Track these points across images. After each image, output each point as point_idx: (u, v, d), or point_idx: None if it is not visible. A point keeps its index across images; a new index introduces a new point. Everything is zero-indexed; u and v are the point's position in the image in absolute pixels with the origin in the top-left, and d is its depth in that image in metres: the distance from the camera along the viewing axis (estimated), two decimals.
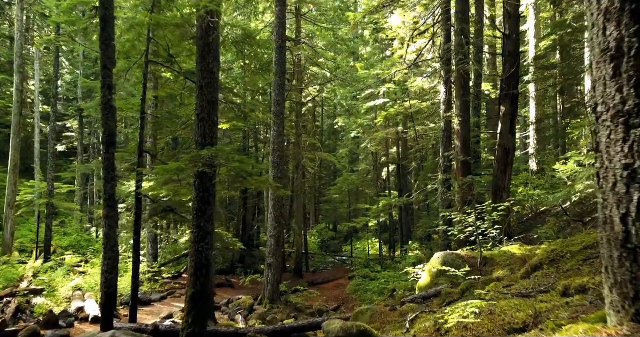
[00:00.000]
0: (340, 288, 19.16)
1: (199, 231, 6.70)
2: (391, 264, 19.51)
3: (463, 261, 8.30)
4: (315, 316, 14.05)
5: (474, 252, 8.61)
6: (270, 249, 14.20)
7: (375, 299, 15.55)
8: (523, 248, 8.33)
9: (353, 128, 26.39)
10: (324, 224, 38.56)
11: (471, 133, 13.55)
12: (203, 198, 6.74)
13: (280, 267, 14.39)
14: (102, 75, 8.16)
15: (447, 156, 12.81)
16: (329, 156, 24.61)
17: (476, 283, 6.71)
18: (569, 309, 2.90)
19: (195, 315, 6.47)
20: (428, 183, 17.28)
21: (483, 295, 4.66)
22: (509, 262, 7.76)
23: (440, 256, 8.60)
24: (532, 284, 4.55)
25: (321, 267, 27.25)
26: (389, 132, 22.80)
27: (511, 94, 12.23)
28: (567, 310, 2.90)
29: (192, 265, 6.65)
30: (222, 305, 13.80)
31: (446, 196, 12.71)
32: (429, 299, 7.64)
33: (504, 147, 12.15)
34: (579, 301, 3.01)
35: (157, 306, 13.65)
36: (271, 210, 14.26)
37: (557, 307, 3.03)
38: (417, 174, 27.37)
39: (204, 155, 6.26)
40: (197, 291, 6.54)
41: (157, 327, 8.02)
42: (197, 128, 6.85)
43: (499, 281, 6.49)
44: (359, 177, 28.35)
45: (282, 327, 8.05)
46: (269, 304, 13.87)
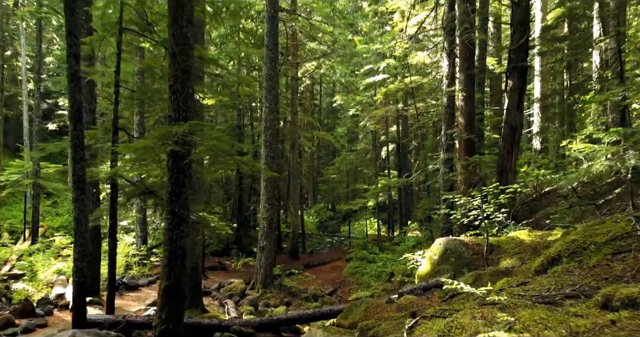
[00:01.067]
0: (336, 270, 18.62)
1: (173, 217, 5.98)
2: (389, 246, 18.93)
3: (466, 247, 7.62)
4: (309, 300, 13.51)
5: (479, 238, 7.92)
6: (262, 232, 13.56)
7: (372, 283, 15.00)
8: (532, 234, 7.63)
9: (351, 105, 25.48)
10: (323, 204, 38.02)
11: (475, 109, 12.72)
12: (177, 180, 6.00)
13: (273, 251, 13.78)
14: (67, 44, 7.32)
15: (450, 134, 12.03)
16: (327, 135, 23.80)
17: (482, 275, 6.03)
18: (619, 332, 2.20)
19: (169, 310, 5.80)
20: (429, 163, 16.54)
21: (494, 297, 3.96)
22: (517, 249, 7.06)
23: (441, 242, 7.91)
24: (554, 283, 3.85)
25: (318, 248, 26.74)
26: (389, 110, 21.93)
27: (520, 66, 11.35)
28: (615, 333, 2.20)
29: (166, 255, 5.95)
30: (212, 290, 13.23)
31: (448, 177, 11.97)
32: (430, 290, 6.98)
33: (511, 125, 11.35)
34: (629, 319, 2.30)
35: (144, 290, 13.07)
36: (263, 191, 13.55)
37: (599, 327, 2.33)
38: (417, 153, 26.62)
39: (175, 132, 5.49)
40: (171, 283, 5.86)
41: (129, 322, 7.38)
42: (170, 101, 6.05)
43: (509, 274, 5.80)
44: (358, 157, 27.61)
45: (270, 319, 7.43)
46: (261, 289, 13.31)
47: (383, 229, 29.20)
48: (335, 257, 20.53)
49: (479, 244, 7.64)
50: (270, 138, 13.48)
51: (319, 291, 14.31)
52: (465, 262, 7.37)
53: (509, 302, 3.31)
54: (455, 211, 9.15)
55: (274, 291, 13.46)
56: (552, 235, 7.15)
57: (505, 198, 7.65)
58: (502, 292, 4.11)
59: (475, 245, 7.66)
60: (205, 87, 9.74)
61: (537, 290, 3.77)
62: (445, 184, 12.04)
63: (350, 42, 22.34)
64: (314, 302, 13.20)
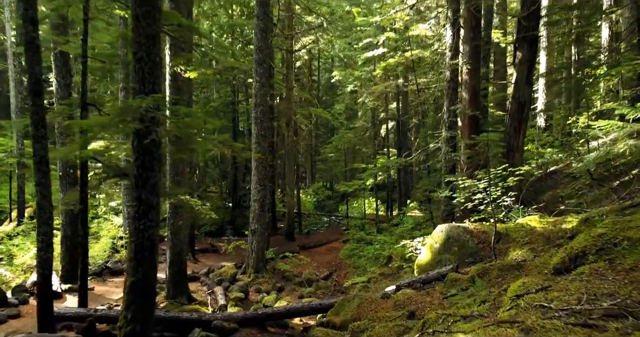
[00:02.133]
0: (333, 252, 18.04)
1: (140, 205, 5.24)
2: (388, 227, 18.31)
3: (471, 236, 6.92)
4: (303, 285, 12.94)
5: (484, 225, 7.22)
6: (254, 214, 12.88)
7: (369, 266, 14.42)
8: (544, 220, 6.92)
9: (350, 81, 24.49)
10: (321, 183, 37.35)
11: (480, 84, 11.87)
12: (144, 163, 5.24)
13: (265, 234, 13.13)
14: (22, 7, 6.46)
15: (453, 110, 11.21)
16: (323, 112, 22.91)
17: (490, 269, 5.34)
18: None
19: (136, 309, 5.13)
20: (430, 141, 15.75)
21: (512, 310, 3.25)
22: (528, 239, 6.37)
23: (443, 229, 7.21)
24: (584, 290, 3.14)
25: (315, 228, 26.18)
26: (389, 85, 20.99)
27: (530, 36, 10.47)
28: None
29: (132, 248, 5.25)
30: (201, 275, 12.62)
31: (450, 156, 11.21)
32: (430, 283, 6.32)
33: (519, 100, 10.54)
34: None
35: None
36: (254, 172, 12.81)
37: None
38: (417, 131, 25.78)
39: (136, 107, 4.71)
40: (138, 279, 5.17)
41: (99, 318, 6.75)
42: (134, 71, 5.25)
43: (521, 269, 5.11)
44: (356, 135, 26.76)
45: (255, 313, 6.80)
46: (253, 274, 12.72)
47: (382, 209, 28.60)
48: (332, 238, 19.95)
49: (485, 232, 6.95)
50: (261, 115, 12.66)
51: (314, 275, 13.73)
52: (469, 252, 6.69)
53: (533, 323, 2.59)
54: (458, 193, 8.43)
55: (267, 275, 12.87)
56: (567, 222, 6.44)
57: (514, 181, 6.91)
58: (520, 299, 3.40)
59: (480, 233, 6.96)
60: (186, 58, 8.88)
61: (565, 301, 3.06)
62: (447, 164, 11.30)
63: (348, 14, 21.23)
64: (307, 288, 12.63)
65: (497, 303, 3.98)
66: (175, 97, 9.62)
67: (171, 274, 9.82)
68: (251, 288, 12.15)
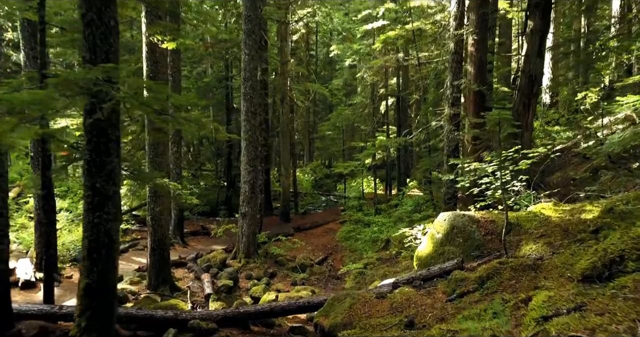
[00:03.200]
0: (329, 234, 17.43)
1: (94, 195, 4.49)
2: (386, 208, 17.64)
3: (478, 226, 6.19)
4: (297, 271, 12.33)
5: (492, 213, 6.47)
6: (244, 197, 12.16)
7: (366, 250, 13.80)
8: (560, 208, 6.18)
9: (348, 55, 23.42)
10: (319, 161, 36.54)
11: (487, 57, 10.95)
12: (97, 146, 4.46)
13: (256, 217, 12.45)
14: None
15: (457, 85, 10.33)
16: (320, 88, 21.94)
17: (501, 269, 4.61)
18: None
19: (92, 317, 4.43)
20: (431, 119, 14.89)
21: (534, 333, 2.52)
22: (542, 230, 5.63)
23: (446, 217, 6.48)
24: (634, 316, 2.43)
25: (312, 208, 25.55)
26: (388, 60, 19.97)
27: (543, 3, 9.54)
28: None
29: (85, 244, 4.51)
30: (188, 260, 11.97)
31: (453, 135, 10.40)
32: (432, 280, 5.61)
33: (529, 74, 9.68)
34: None
35: None
36: (244, 151, 12.03)
37: None
38: (418, 107, 24.86)
39: (83, 79, 3.90)
40: (93, 281, 4.45)
41: (43, 328, 6.07)
42: (83, 37, 4.41)
43: (538, 270, 4.38)
44: (355, 112, 25.80)
45: (236, 312, 6.13)
46: (243, 259, 12.09)
47: (380, 188, 27.90)
48: (328, 219, 19.31)
49: (493, 221, 6.21)
50: (250, 90, 11.79)
51: (308, 259, 13.11)
52: (475, 245, 5.97)
53: None
54: (462, 177, 7.67)
55: (258, 260, 12.24)
56: (586, 211, 5.70)
57: (527, 164, 6.13)
58: (548, 324, 2.67)
59: (488, 222, 6.22)
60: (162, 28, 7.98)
61: (613, 332, 2.33)
62: (449, 144, 10.49)
63: None
64: (301, 273, 12.01)
65: (515, 319, 3.25)
66: (154, 71, 8.76)
67: (152, 262, 9.15)
68: (241, 274, 11.54)
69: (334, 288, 11.26)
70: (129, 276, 9.92)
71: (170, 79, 13.77)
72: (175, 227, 14.28)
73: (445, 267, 5.58)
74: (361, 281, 10.84)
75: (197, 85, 20.79)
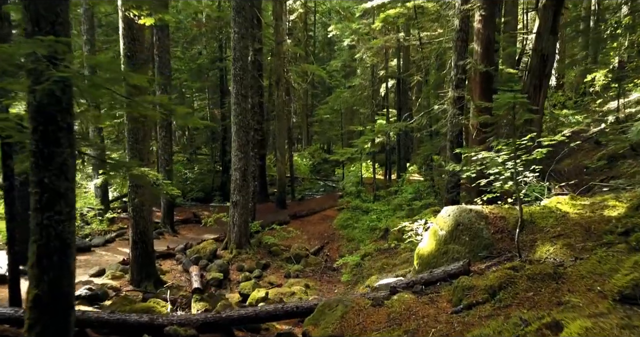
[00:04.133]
0: (326, 221, 16.86)
1: (43, 192, 3.84)
2: (385, 195, 17.02)
3: (486, 222, 5.55)
4: (291, 261, 11.77)
5: (502, 209, 5.83)
6: (235, 185, 11.52)
7: (364, 239, 13.22)
8: (578, 203, 5.54)
9: (347, 35, 22.49)
10: (317, 145, 35.77)
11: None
12: (45, 134, 3.79)
13: (248, 206, 11.83)
14: None
15: (462, 66, 9.58)
16: (318, 69, 21.11)
17: (516, 277, 3.99)
18: None
19: (43, 332, 3.82)
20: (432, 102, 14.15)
21: None
22: (560, 229, 5.00)
23: (451, 212, 5.84)
24: None
25: (310, 193, 24.96)
26: (388, 40, 19.09)
27: None
28: None
29: (34, 250, 3.89)
30: (177, 251, 11.40)
31: (457, 120, 9.69)
32: (434, 284, 5.01)
33: (541, 53, 8.95)
34: None
35: (98, 252, 11.26)
36: (234, 137, 11.34)
37: None
38: (419, 90, 24.07)
39: (16, 54, 3.22)
40: (44, 292, 3.84)
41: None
42: (23, 6, 3.71)
43: (560, 280, 3.76)
44: (354, 94, 24.96)
45: (217, 317, 5.54)
46: (235, 249, 11.51)
47: (380, 172, 27.26)
48: (326, 206, 18.73)
49: (503, 218, 5.57)
50: (240, 72, 11.04)
51: (303, 249, 12.53)
52: (483, 244, 5.35)
53: None
54: (468, 167, 7.01)
55: (250, 251, 11.67)
56: (609, 207, 5.06)
57: (543, 153, 5.46)
58: None
59: (497, 218, 5.59)
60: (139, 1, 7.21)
61: None
62: (453, 129, 9.79)
63: None
64: (295, 265, 11.45)
65: None
66: (131, 49, 8.03)
67: (134, 256, 8.56)
68: (232, 266, 10.99)
69: (330, 281, 10.72)
70: (111, 269, 9.33)
71: (157, 59, 13.02)
72: (165, 216, 13.69)
73: (450, 270, 4.97)
74: (358, 274, 10.29)
75: (189, 67, 19.94)
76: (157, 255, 10.95)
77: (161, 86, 13.04)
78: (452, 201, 9.93)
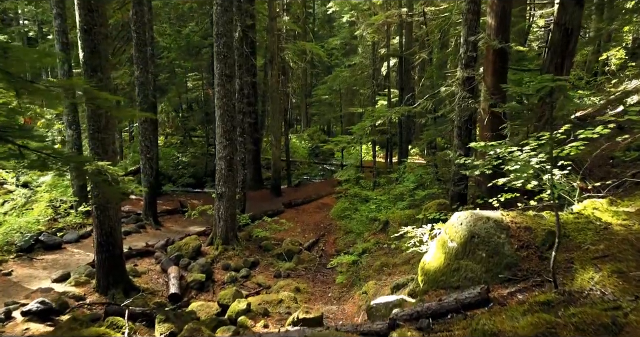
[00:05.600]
0: (323, 210, 15.88)
1: None
2: (386, 182, 15.98)
3: (508, 235, 4.50)
4: (282, 258, 10.82)
5: (526, 217, 4.75)
6: (220, 175, 10.48)
7: (362, 232, 12.23)
8: (620, 210, 4.48)
9: (346, 10, 21.11)
10: (317, 126, 34.52)
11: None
12: None
13: (234, 198, 10.82)
14: None
15: (473, 42, 8.39)
16: (314, 47, 19.80)
17: (558, 327, 2.96)
18: None
19: None
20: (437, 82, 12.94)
21: None
22: (604, 246, 3.94)
23: (463, 220, 4.78)
24: None
25: (308, 177, 23.94)
26: (390, 15, 17.76)
27: None
28: None
29: None
30: (157, 248, 10.41)
31: (467, 104, 8.55)
32: (444, 316, 3.99)
33: (565, 27, 7.75)
34: None
35: (69, 249, 10.27)
36: (218, 122, 10.24)
37: None
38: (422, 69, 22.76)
39: None
40: None
41: None
42: None
43: (619, 333, 2.72)
44: (354, 74, 23.68)
45: None
46: (221, 245, 10.55)
47: (381, 154, 26.16)
48: (323, 193, 17.73)
49: (529, 229, 4.52)
50: (224, 49, 9.87)
51: (297, 244, 11.57)
52: (505, 263, 4.31)
53: None
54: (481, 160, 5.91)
55: (238, 247, 10.71)
56: None
57: (578, 149, 4.38)
58: None
59: (522, 230, 4.53)
60: None
61: None
62: (461, 114, 8.66)
63: None
64: (287, 262, 10.50)
65: None
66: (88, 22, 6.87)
67: (100, 260, 7.58)
68: (217, 264, 10.05)
69: (324, 281, 9.77)
70: (78, 272, 8.35)
71: (134, 35, 11.81)
72: (147, 207, 12.68)
73: (464, 299, 3.95)
74: (354, 274, 9.33)
75: (178, 44, 18.66)
76: (135, 253, 10.02)
77: (139, 66, 11.85)
78: (459, 195, 8.89)
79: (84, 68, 7.12)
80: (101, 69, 7.13)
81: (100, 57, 7.10)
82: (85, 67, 7.11)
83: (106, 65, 7.26)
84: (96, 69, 7.09)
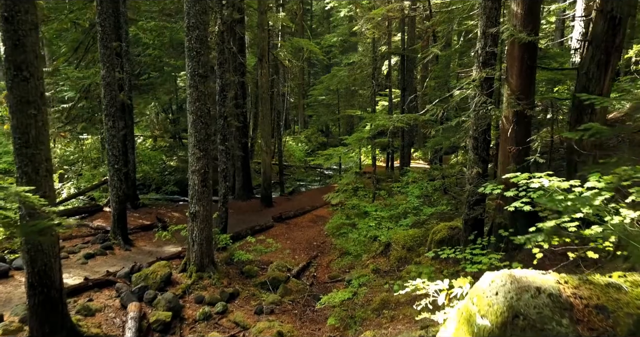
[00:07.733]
0: (317, 224, 14.41)
1: None
2: (386, 192, 14.49)
3: (570, 316, 2.99)
4: (266, 287, 9.33)
5: (592, 285, 3.24)
6: (193, 191, 8.99)
7: (360, 255, 10.74)
8: None
9: (344, 4, 19.59)
10: (315, 128, 32.96)
11: None
12: None
13: (210, 218, 9.32)
14: None
15: (493, 35, 6.89)
16: (310, 44, 18.30)
17: None
18: None
19: None
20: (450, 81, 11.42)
21: None
22: None
23: (500, 288, 3.28)
24: None
25: (304, 184, 22.49)
26: (391, 9, 16.27)
27: None
28: None
29: None
30: (119, 277, 8.91)
31: (485, 110, 7.03)
32: None
33: (611, 16, 6.25)
34: None
35: (18, 278, 8.76)
36: (191, 130, 8.75)
37: None
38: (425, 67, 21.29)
39: None
40: None
41: None
42: None
43: None
44: (352, 73, 22.17)
45: None
46: (195, 273, 9.07)
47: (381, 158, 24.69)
48: (318, 204, 16.25)
49: (603, 310, 3.00)
50: (197, 44, 8.38)
51: (284, 269, 10.12)
52: None
53: None
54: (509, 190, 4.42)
55: (215, 274, 9.22)
56: None
57: None
58: None
59: (591, 311, 3.02)
60: None
61: None
62: (478, 123, 7.15)
63: None
64: (271, 294, 9.00)
65: None
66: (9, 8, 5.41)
67: (33, 306, 6.10)
68: (189, 297, 8.57)
69: (314, 319, 8.26)
70: (15, 313, 6.88)
71: (98, 28, 10.33)
72: (115, 224, 11.20)
73: None
74: (349, 314, 7.81)
75: (160, 40, 17.17)
76: (91, 284, 8.51)
77: (105, 64, 10.36)
78: (474, 221, 7.38)
79: (6, 65, 5.65)
80: (28, 67, 5.66)
81: (26, 51, 5.63)
82: (7, 64, 5.64)
83: (35, 62, 5.77)
84: (21, 66, 5.62)
